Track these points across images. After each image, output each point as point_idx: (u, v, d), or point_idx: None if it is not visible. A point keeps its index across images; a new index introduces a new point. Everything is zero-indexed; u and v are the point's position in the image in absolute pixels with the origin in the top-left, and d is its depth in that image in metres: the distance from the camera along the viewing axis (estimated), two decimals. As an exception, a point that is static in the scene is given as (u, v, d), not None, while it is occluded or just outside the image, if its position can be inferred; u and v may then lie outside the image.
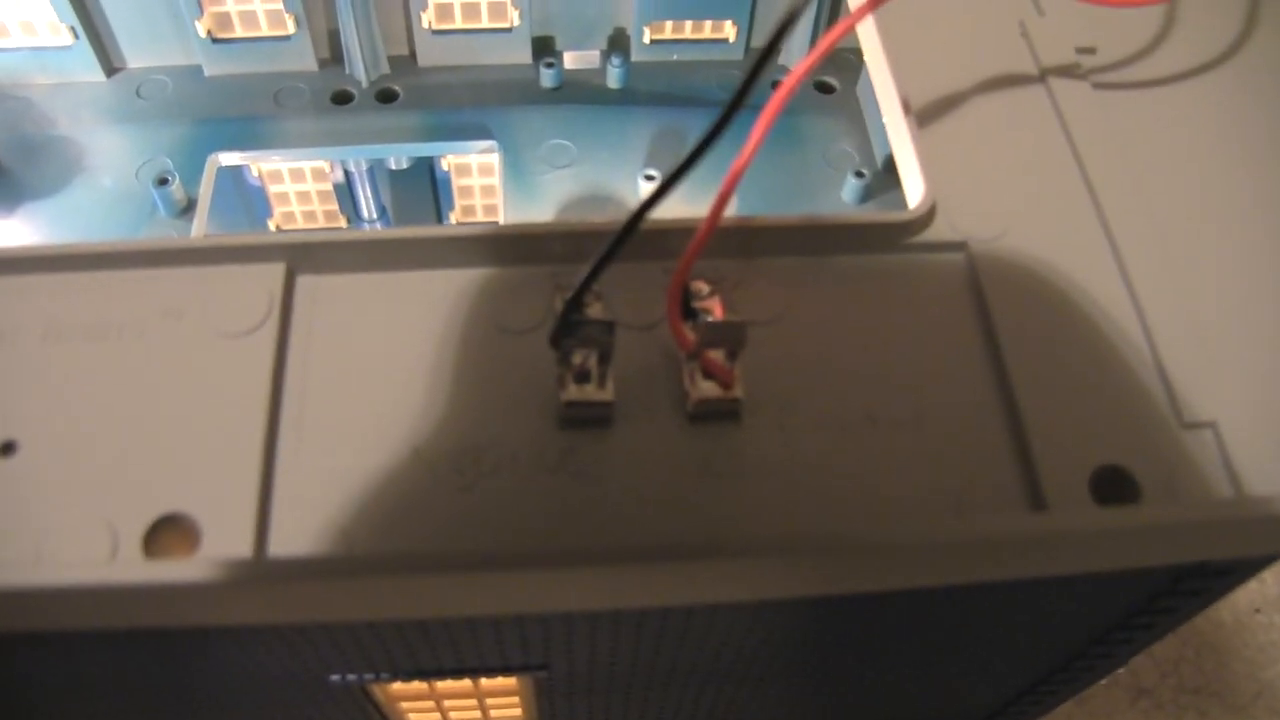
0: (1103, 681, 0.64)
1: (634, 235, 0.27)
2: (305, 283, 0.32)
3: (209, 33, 0.53)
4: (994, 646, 0.40)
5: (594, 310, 0.30)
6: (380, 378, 0.30)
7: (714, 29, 0.57)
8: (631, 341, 0.31)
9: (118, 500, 0.27)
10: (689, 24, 0.57)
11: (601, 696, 0.40)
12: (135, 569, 0.25)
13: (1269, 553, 0.31)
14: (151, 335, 0.30)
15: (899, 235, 0.33)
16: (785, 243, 0.32)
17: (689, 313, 0.30)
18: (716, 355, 0.29)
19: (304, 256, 0.32)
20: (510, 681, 0.38)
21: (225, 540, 0.27)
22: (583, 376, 0.29)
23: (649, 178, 0.53)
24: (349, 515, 0.28)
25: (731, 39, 0.58)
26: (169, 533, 0.27)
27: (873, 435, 0.30)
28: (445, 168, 0.61)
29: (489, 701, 0.41)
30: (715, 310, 0.30)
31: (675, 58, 0.58)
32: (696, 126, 0.58)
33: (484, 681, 0.39)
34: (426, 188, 0.62)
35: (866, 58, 0.40)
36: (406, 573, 0.26)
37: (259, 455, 0.28)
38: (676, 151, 0.55)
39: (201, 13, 0.53)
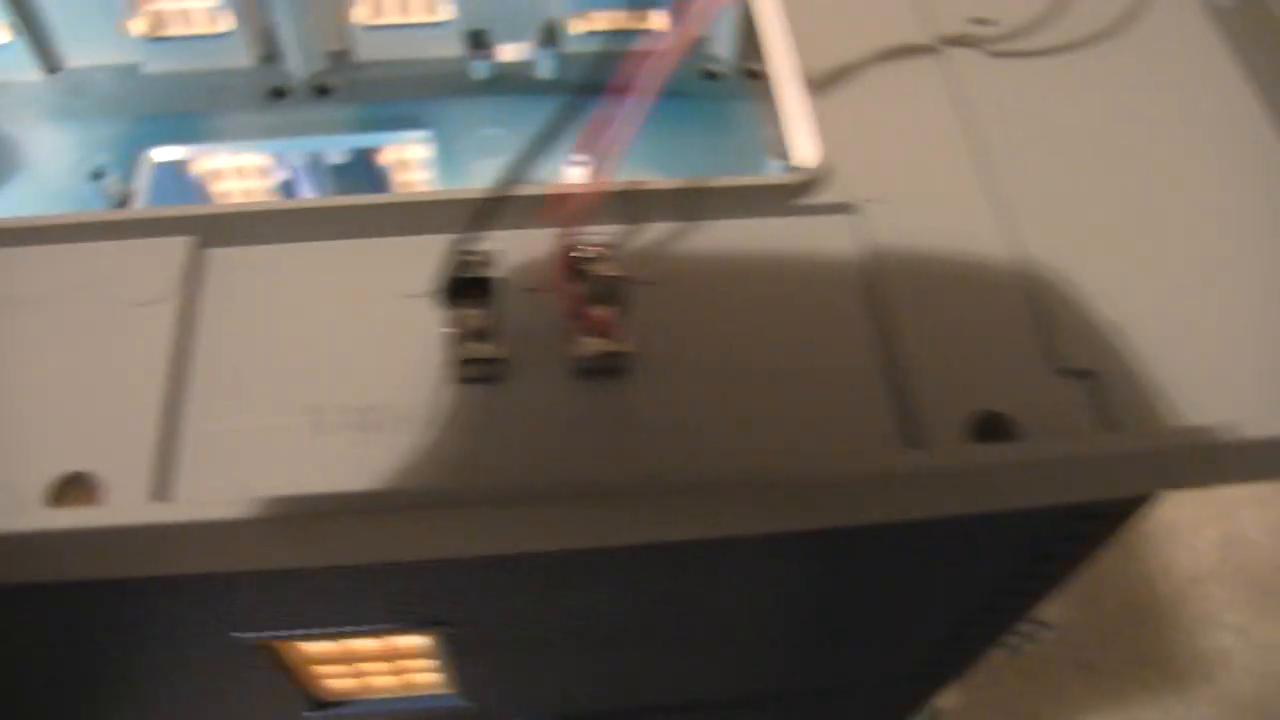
0: (1031, 649, 0.65)
1: (509, 200, 0.28)
2: (213, 254, 0.33)
3: (146, 31, 0.54)
4: (889, 601, 0.41)
5: (486, 271, 0.31)
6: (282, 342, 0.31)
7: (640, 21, 0.58)
8: (526, 302, 0.32)
9: (22, 461, 0.29)
10: (618, 14, 0.58)
11: (513, 655, 0.41)
12: (33, 517, 0.26)
13: (1141, 491, 0.32)
14: (62, 306, 0.32)
15: (784, 197, 0.34)
16: (672, 206, 0.34)
17: (579, 274, 0.31)
18: (601, 311, 0.31)
19: (211, 229, 0.33)
20: (422, 642, 0.40)
21: (126, 495, 0.28)
22: (474, 335, 0.30)
23: (574, 162, 0.54)
24: (247, 470, 0.29)
25: (655, 27, 0.59)
26: (73, 490, 0.28)
27: (755, 387, 0.31)
28: (383, 161, 0.62)
29: (405, 664, 0.42)
30: (602, 271, 0.32)
31: (608, 48, 0.59)
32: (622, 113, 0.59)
33: (395, 642, 0.40)
34: (367, 182, 0.63)
35: (763, 30, 0.41)
36: (300, 520, 0.27)
37: (161, 415, 0.30)
38: (602, 136, 0.56)
39: (136, 11, 0.53)
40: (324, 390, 0.30)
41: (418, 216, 0.33)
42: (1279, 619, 0.84)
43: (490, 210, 0.28)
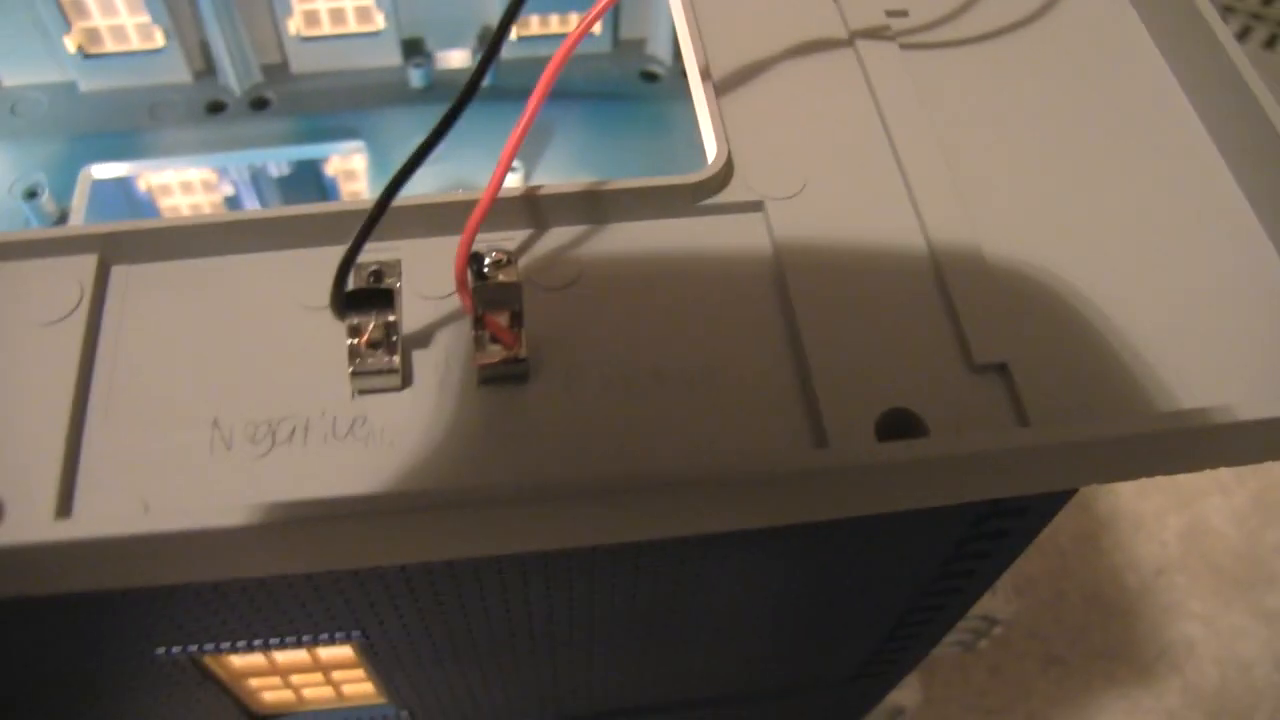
0: (983, 645, 0.65)
1: (406, 209, 0.28)
2: (118, 272, 0.33)
3: (80, 48, 0.54)
4: (820, 602, 0.41)
5: (382, 282, 0.31)
6: (187, 357, 0.31)
7: (579, 22, 0.58)
8: (429, 311, 0.32)
9: (-81, 482, 0.28)
10: (555, 19, 0.59)
11: (438, 666, 0.41)
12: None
13: (1056, 488, 0.32)
14: (-37, 327, 0.31)
15: (692, 197, 0.34)
16: (576, 210, 0.34)
17: (480, 281, 0.31)
18: (500, 318, 0.30)
19: (115, 246, 0.33)
20: (348, 653, 0.40)
21: (27, 515, 0.28)
22: (373, 345, 0.30)
23: (513, 170, 0.54)
24: (150, 487, 0.29)
25: (597, 32, 0.59)
26: (-28, 511, 0.28)
27: (660, 391, 0.31)
28: (331, 173, 0.62)
29: (336, 675, 0.42)
30: (502, 278, 0.32)
31: (544, 53, 0.59)
32: (564, 119, 0.59)
33: (322, 654, 0.40)
34: (314, 194, 0.64)
35: (676, 26, 0.41)
36: (201, 534, 0.27)
37: (63, 435, 0.30)
38: (543, 143, 0.56)
39: (69, 28, 0.53)
40: (228, 404, 0.30)
41: (322, 228, 0.33)
42: (1243, 607, 0.85)
43: (374, 222, 0.28)
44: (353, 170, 0.62)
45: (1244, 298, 0.34)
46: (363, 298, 0.30)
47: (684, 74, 0.59)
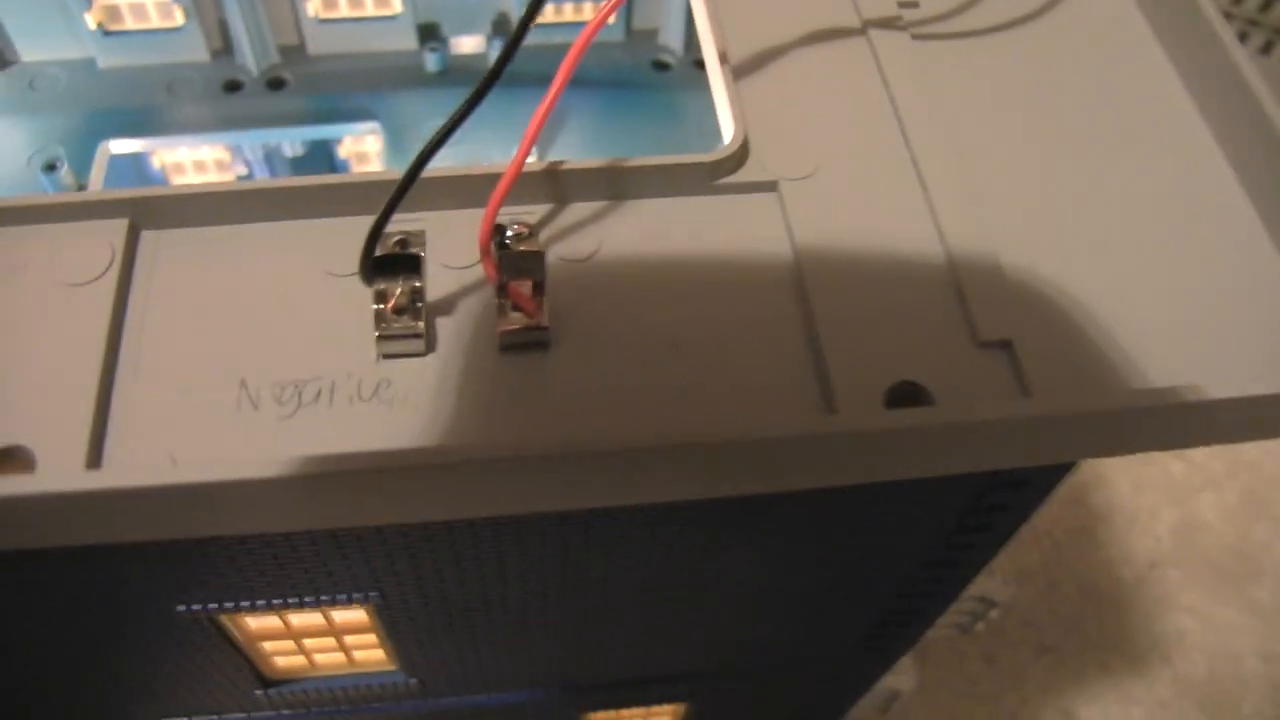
0: (980, 628, 0.66)
1: (432, 181, 0.29)
2: (148, 236, 0.34)
3: (100, 25, 0.55)
4: (826, 573, 0.42)
5: (408, 249, 0.32)
6: (214, 320, 0.32)
7: (593, 10, 0.59)
8: (453, 280, 0.33)
9: (-44, 434, 0.29)
10: (569, 7, 0.59)
11: (450, 629, 0.42)
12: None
13: (1055, 459, 0.33)
14: (1, 287, 0.32)
15: (708, 176, 0.35)
16: (596, 186, 0.35)
17: (503, 252, 0.32)
18: (522, 287, 0.31)
19: (146, 211, 0.34)
20: (362, 617, 0.40)
21: (59, 467, 0.29)
22: (399, 311, 0.31)
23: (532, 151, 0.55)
24: (179, 444, 0.30)
25: (611, 21, 0.60)
26: (6, 463, 0.29)
27: (676, 361, 0.32)
28: (343, 155, 0.63)
29: (348, 640, 0.43)
30: (524, 248, 0.33)
31: (558, 40, 0.60)
32: (576, 105, 0.60)
33: (337, 617, 0.41)
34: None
35: (694, 14, 0.42)
36: (226, 487, 0.28)
37: (95, 391, 0.30)
38: (556, 129, 0.57)
39: (90, 5, 0.54)
40: (255, 365, 0.31)
41: (347, 198, 0.33)
42: (1233, 601, 0.86)
43: (404, 191, 0.29)
44: (365, 152, 0.63)
45: (1239, 284, 0.35)
46: (389, 264, 0.31)
47: (695, 64, 0.60)
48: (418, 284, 0.31)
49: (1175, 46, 0.41)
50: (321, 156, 0.64)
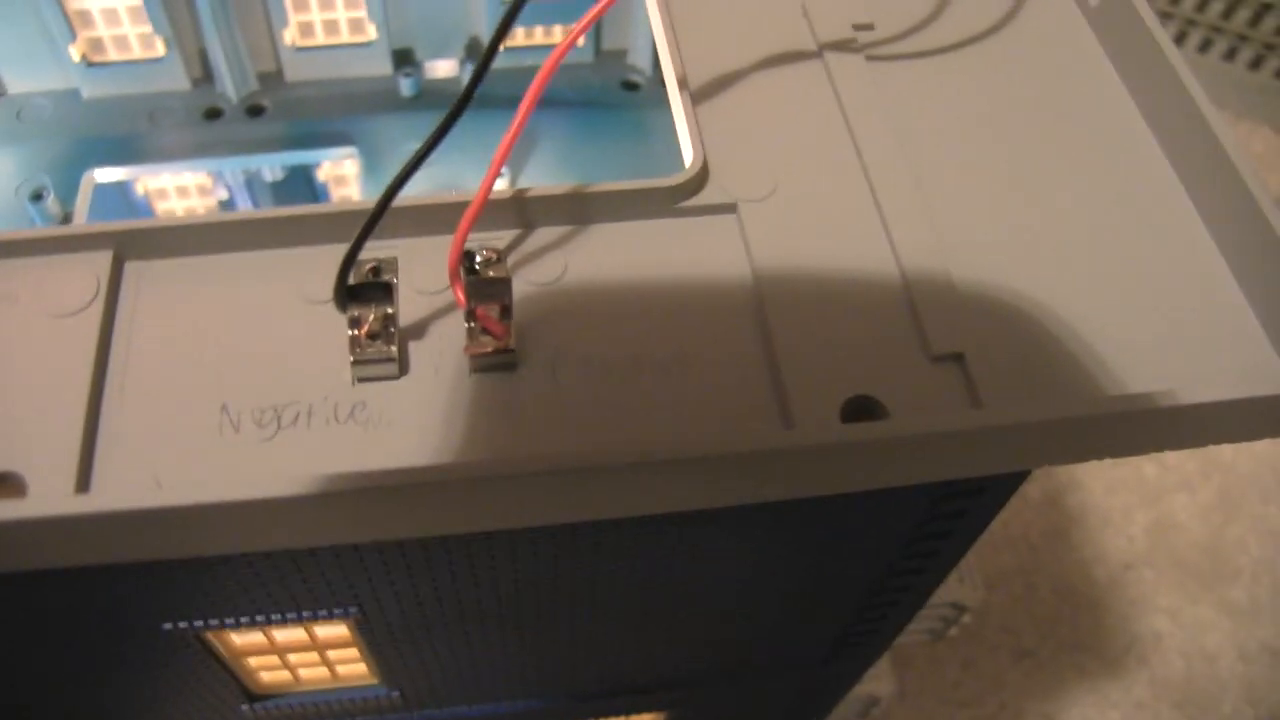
0: (953, 634, 0.67)
1: (405, 209, 0.31)
2: (132, 267, 0.35)
3: (83, 57, 0.56)
4: (786, 583, 0.43)
5: (380, 276, 0.33)
6: (196, 347, 0.34)
7: (563, 33, 0.61)
8: (424, 305, 0.35)
9: (-51, 462, 0.31)
10: (539, 30, 0.61)
11: (430, 644, 0.43)
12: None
13: (1009, 468, 0.34)
14: (-14, 318, 0.34)
15: (669, 200, 0.37)
16: (562, 211, 0.36)
17: (471, 277, 0.33)
18: (490, 311, 0.33)
19: (129, 243, 0.35)
20: (343, 632, 0.42)
21: (49, 492, 0.30)
22: (372, 336, 0.33)
23: (503, 175, 0.56)
24: (163, 466, 0.31)
25: (581, 43, 0.61)
26: (-2, 489, 0.31)
27: (638, 378, 0.34)
28: (322, 179, 0.64)
29: (331, 655, 0.44)
30: (492, 274, 0.34)
31: (529, 63, 0.62)
32: (547, 126, 0.61)
33: (320, 633, 0.42)
34: (307, 198, 0.65)
35: (655, 38, 0.43)
36: (210, 509, 0.29)
37: (82, 418, 0.32)
38: (528, 150, 0.59)
39: (75, 37, 0.55)
40: (236, 390, 0.33)
41: (323, 227, 0.35)
42: (1208, 601, 0.87)
43: (376, 220, 0.30)
44: (343, 176, 0.64)
45: (1186, 292, 0.36)
46: (363, 292, 0.32)
47: (663, 83, 0.62)
48: (390, 310, 0.32)
49: (1124, 63, 0.42)
50: (301, 181, 0.65)
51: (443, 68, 0.63)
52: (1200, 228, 0.38)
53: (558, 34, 0.61)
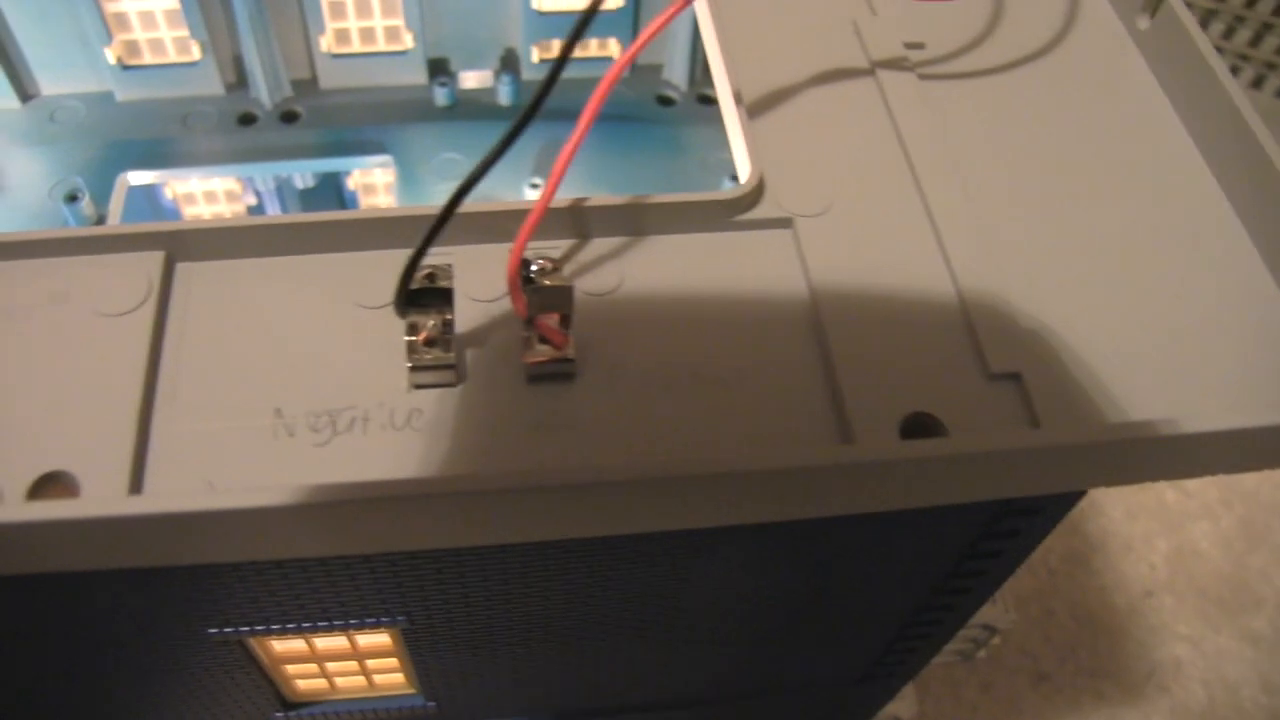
0: (982, 655, 0.67)
1: (462, 216, 0.30)
2: (183, 268, 0.35)
3: (119, 60, 0.56)
4: (835, 600, 0.43)
5: (439, 283, 0.33)
6: (248, 350, 0.33)
7: (599, 47, 0.61)
8: (481, 313, 0.34)
9: (2, 462, 0.30)
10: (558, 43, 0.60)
11: (472, 654, 0.43)
12: (16, 510, 0.28)
13: (1065, 488, 0.34)
14: (39, 317, 0.33)
15: (726, 213, 0.36)
16: (620, 222, 0.36)
17: (529, 286, 0.33)
18: (550, 320, 0.32)
19: (181, 244, 0.35)
20: (385, 641, 0.41)
21: (102, 492, 0.30)
22: (431, 343, 0.32)
23: (534, 185, 0.56)
24: (217, 470, 0.31)
25: (616, 56, 0.61)
26: (51, 488, 0.30)
27: (696, 391, 0.33)
28: (352, 186, 0.64)
29: (370, 664, 0.44)
30: (550, 282, 0.34)
31: (563, 75, 0.61)
32: (585, 140, 0.61)
33: (361, 641, 0.41)
34: (335, 206, 0.65)
35: (708, 55, 0.43)
36: (264, 513, 0.29)
37: (135, 419, 0.31)
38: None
39: (111, 40, 0.55)
40: (289, 394, 0.32)
41: (377, 232, 0.34)
42: (1230, 630, 0.87)
43: (442, 224, 0.30)
44: (373, 184, 0.64)
45: (1240, 317, 0.36)
46: (421, 297, 0.32)
47: (699, 99, 0.62)
48: (448, 316, 0.32)
49: (1173, 84, 0.42)
50: (330, 189, 0.65)
51: (477, 78, 0.63)
52: (1251, 251, 0.38)
53: (593, 47, 0.61)
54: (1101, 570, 0.88)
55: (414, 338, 0.32)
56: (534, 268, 0.34)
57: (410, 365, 0.32)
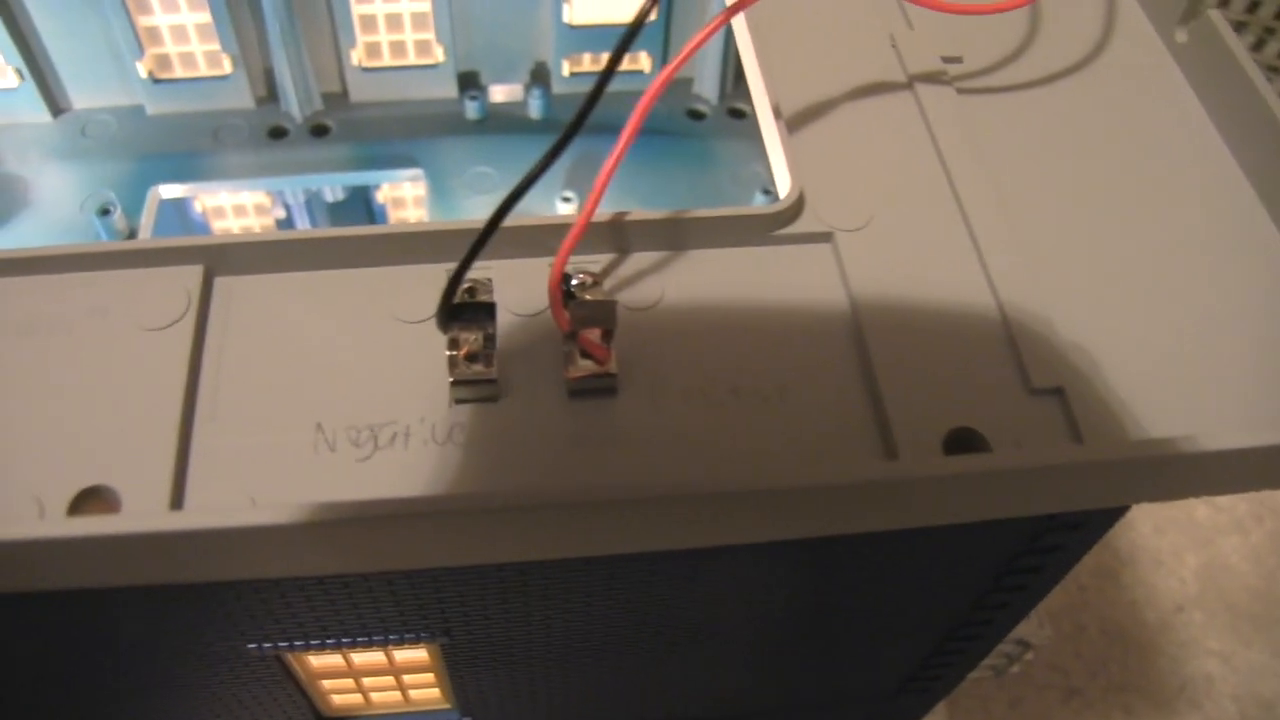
0: (1015, 670, 0.67)
1: (504, 230, 0.30)
2: (222, 282, 0.35)
3: (150, 73, 0.56)
4: (874, 615, 0.42)
5: (481, 297, 0.33)
6: (288, 364, 0.33)
7: (630, 60, 0.60)
8: (521, 327, 0.34)
9: (44, 476, 0.30)
10: (605, 56, 0.60)
11: (510, 670, 0.42)
12: (58, 525, 0.28)
13: (1109, 503, 0.34)
14: (78, 331, 0.33)
15: (766, 227, 0.36)
16: (660, 236, 0.36)
17: (570, 300, 0.33)
18: (592, 335, 0.32)
19: (220, 258, 0.35)
20: (423, 657, 0.41)
21: (144, 507, 0.30)
22: (472, 358, 0.32)
23: (565, 199, 0.56)
24: (257, 484, 0.31)
25: (647, 69, 0.61)
26: (92, 502, 0.30)
27: (738, 407, 0.33)
28: (381, 200, 0.64)
29: (406, 679, 0.43)
30: (592, 297, 0.34)
31: (586, 89, 0.61)
32: (610, 152, 0.61)
33: (398, 657, 0.41)
34: (364, 219, 0.65)
35: (745, 70, 0.43)
36: (308, 528, 0.28)
37: (175, 433, 0.31)
38: (592, 174, 0.58)
39: (143, 54, 0.55)
40: (330, 408, 0.32)
41: (416, 246, 0.34)
42: (1262, 645, 0.86)
43: (487, 239, 0.30)
44: (401, 198, 0.64)
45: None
46: (463, 311, 0.32)
47: (729, 113, 0.61)
48: (490, 331, 0.32)
49: (1212, 97, 0.42)
50: (359, 202, 0.65)
51: (507, 92, 0.63)
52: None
53: (624, 61, 0.61)
54: (1131, 585, 0.88)
55: (455, 352, 0.32)
56: (574, 282, 0.34)
57: (452, 380, 0.32)
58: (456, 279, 0.30)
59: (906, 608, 0.43)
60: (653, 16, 0.57)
